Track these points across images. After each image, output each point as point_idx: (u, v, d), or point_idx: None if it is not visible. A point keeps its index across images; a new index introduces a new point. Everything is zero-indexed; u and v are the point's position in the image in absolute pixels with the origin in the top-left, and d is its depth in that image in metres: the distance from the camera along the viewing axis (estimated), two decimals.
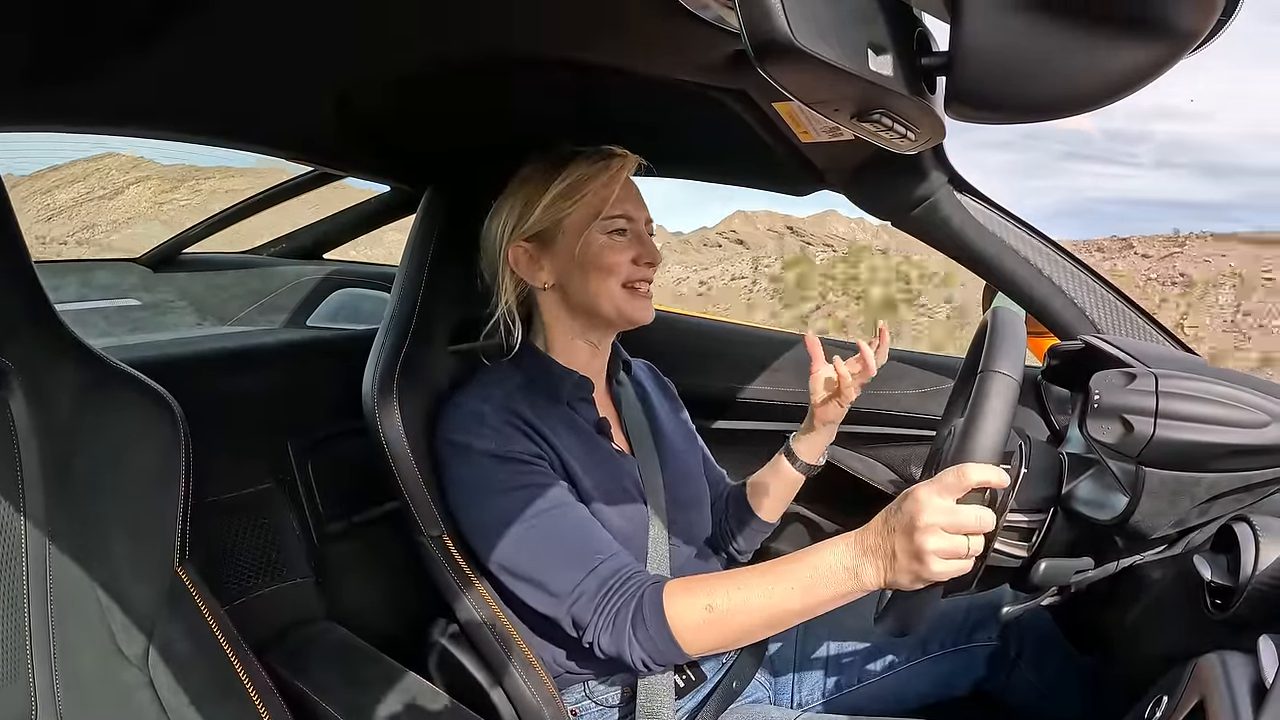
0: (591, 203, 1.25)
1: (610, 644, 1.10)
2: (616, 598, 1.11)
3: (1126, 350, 1.10)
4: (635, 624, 1.08)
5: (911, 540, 0.95)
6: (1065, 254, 1.45)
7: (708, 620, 1.05)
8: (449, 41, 1.04)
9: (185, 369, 1.47)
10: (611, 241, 1.26)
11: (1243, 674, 0.73)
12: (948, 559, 0.94)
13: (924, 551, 0.94)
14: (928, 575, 0.95)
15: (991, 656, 1.40)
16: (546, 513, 1.16)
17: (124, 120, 1.16)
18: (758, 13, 0.51)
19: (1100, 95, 0.58)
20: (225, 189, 20.58)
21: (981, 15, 0.55)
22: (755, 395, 1.97)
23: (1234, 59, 45.25)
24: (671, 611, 1.07)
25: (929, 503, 0.95)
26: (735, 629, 1.06)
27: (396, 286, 1.37)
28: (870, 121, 0.62)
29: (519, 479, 1.17)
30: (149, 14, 0.84)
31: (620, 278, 1.26)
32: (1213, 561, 0.90)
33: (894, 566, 0.97)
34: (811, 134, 1.28)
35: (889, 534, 0.98)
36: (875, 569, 0.99)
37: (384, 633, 1.42)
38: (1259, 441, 0.96)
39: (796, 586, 1.03)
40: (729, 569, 1.06)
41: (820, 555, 1.03)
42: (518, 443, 1.19)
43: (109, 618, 0.98)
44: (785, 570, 1.04)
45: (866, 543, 1.01)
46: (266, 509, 1.43)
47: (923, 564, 0.94)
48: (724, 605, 1.05)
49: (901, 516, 0.97)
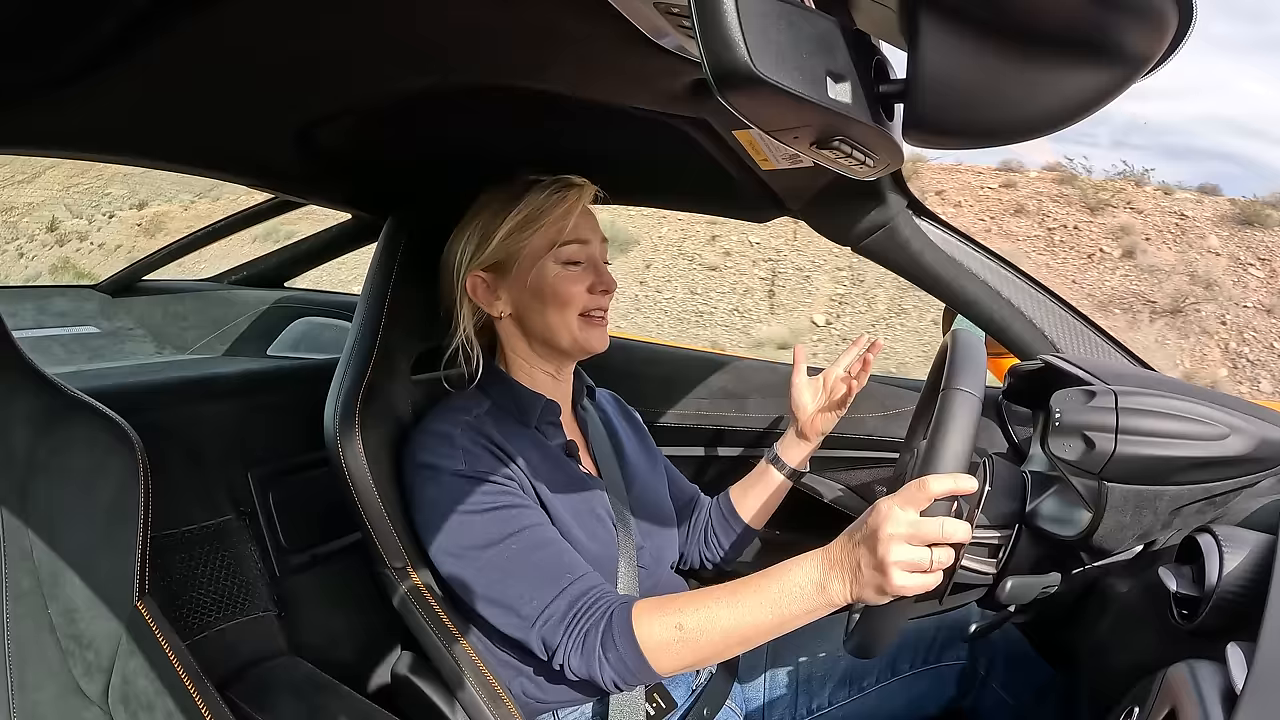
0: (548, 233, 1.26)
1: (581, 665, 1.09)
2: (586, 619, 1.10)
3: (1086, 368, 1.11)
4: (605, 644, 1.07)
5: (875, 553, 0.95)
6: (1023, 275, 1.47)
7: (678, 639, 1.05)
8: (411, 73, 1.04)
9: (144, 398, 1.45)
10: (567, 272, 1.27)
11: (1212, 682, 0.74)
12: (911, 571, 0.94)
13: (887, 564, 0.94)
14: (891, 589, 0.95)
15: (961, 675, 1.40)
16: (516, 534, 1.15)
17: (81, 145, 1.15)
18: (718, 42, 0.51)
19: (1055, 120, 0.58)
20: (124, 173, 20.61)
21: (938, 43, 0.56)
22: (715, 421, 1.97)
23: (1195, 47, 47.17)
24: (641, 631, 1.06)
25: (891, 515, 0.95)
26: (706, 647, 1.05)
27: (358, 315, 1.36)
28: (829, 148, 0.62)
29: (488, 500, 1.16)
30: (110, 40, 0.83)
31: (577, 308, 1.27)
32: (1178, 573, 0.91)
33: (859, 580, 0.98)
34: (771, 161, 1.29)
35: (853, 548, 0.99)
36: (842, 583, 0.99)
37: (348, 666, 1.41)
38: (1219, 454, 0.97)
39: (765, 603, 1.03)
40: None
41: (788, 571, 1.03)
42: (487, 464, 1.18)
43: (68, 654, 0.96)
44: (754, 587, 1.04)
45: (832, 557, 1.01)
46: (227, 541, 1.41)
47: (886, 577, 0.94)
48: (694, 624, 1.04)
49: (865, 530, 0.98)
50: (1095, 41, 0.54)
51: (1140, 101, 32.98)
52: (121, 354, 2.37)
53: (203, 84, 1.00)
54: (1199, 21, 0.52)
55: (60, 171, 22.69)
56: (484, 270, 1.29)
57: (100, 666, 0.96)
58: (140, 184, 21.38)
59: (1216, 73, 75.16)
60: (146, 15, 0.79)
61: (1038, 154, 13.74)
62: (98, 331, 2.42)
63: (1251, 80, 73.81)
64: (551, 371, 1.35)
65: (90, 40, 0.83)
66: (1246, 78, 75.49)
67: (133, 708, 0.96)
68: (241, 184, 1.45)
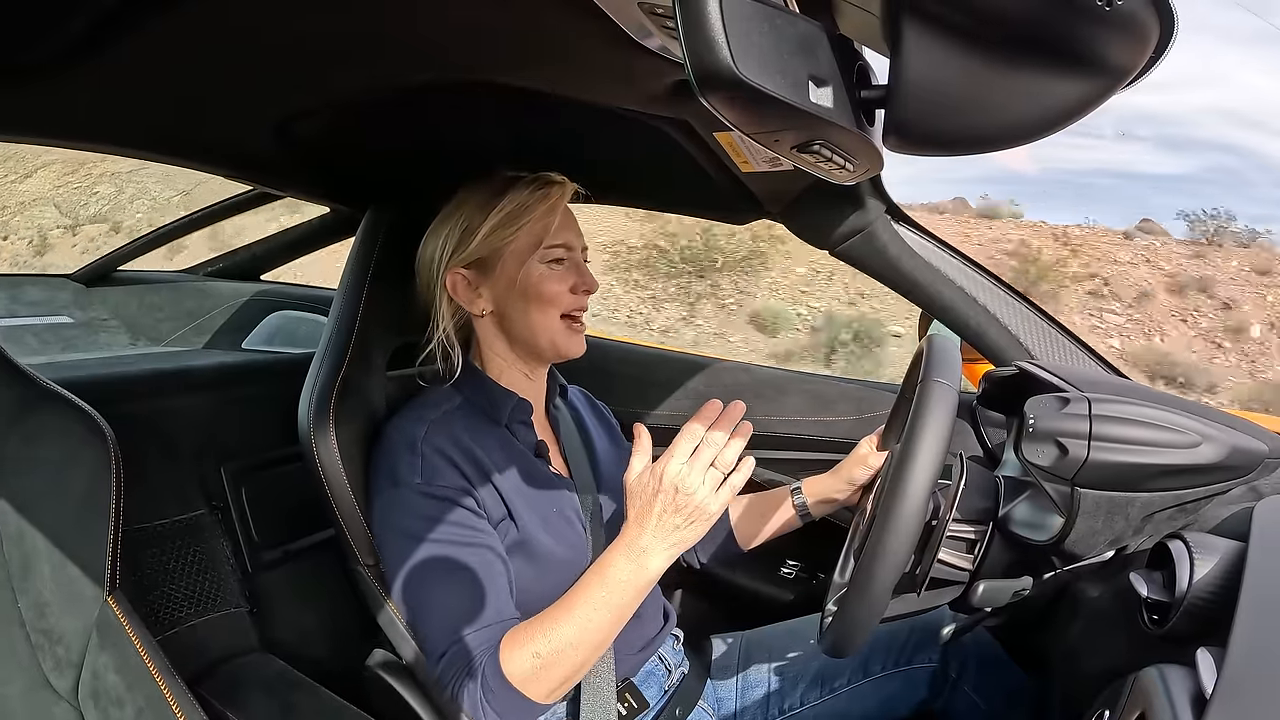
0: (533, 231, 1.25)
1: (469, 707, 1.09)
2: (469, 667, 1.10)
3: (1060, 375, 1.12)
4: (484, 689, 1.08)
5: (675, 500, 1.03)
6: (1000, 282, 1.48)
7: (540, 666, 1.06)
8: (392, 67, 1.03)
9: (117, 390, 1.43)
10: (551, 271, 1.27)
11: (1182, 686, 0.75)
12: (716, 489, 1.04)
13: (692, 497, 1.03)
14: (713, 511, 1.05)
15: (933, 678, 1.41)
16: (445, 560, 1.15)
17: (57, 132, 1.14)
18: (701, 44, 0.51)
19: (1035, 130, 0.59)
20: (111, 171, 20.58)
21: (920, 50, 0.56)
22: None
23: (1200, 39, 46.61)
24: (508, 670, 1.07)
25: (660, 467, 1.05)
26: (568, 665, 1.07)
27: (334, 309, 1.35)
28: (810, 153, 0.62)
29: (430, 526, 1.16)
30: (87, 28, 0.82)
31: (560, 308, 1.27)
32: (1149, 578, 0.92)
33: (678, 531, 1.06)
34: (752, 164, 1.29)
35: (653, 517, 1.06)
36: (657, 546, 1.07)
37: (320, 664, 1.39)
38: (1190, 461, 0.98)
39: (599, 605, 1.07)
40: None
41: (604, 570, 1.09)
42: (446, 478, 1.18)
43: (37, 649, 0.95)
44: (583, 596, 1.08)
45: (630, 536, 1.08)
46: (200, 536, 1.39)
47: (699, 506, 1.04)
48: (546, 648, 1.06)
49: (645, 497, 1.07)
50: (1077, 51, 0.54)
51: (1144, 93, 33.22)
52: (95, 345, 2.34)
53: (181, 71, 0.99)
54: (1198, 14, 0.53)
55: (50, 171, 22.72)
56: (465, 267, 1.28)
57: (70, 661, 0.95)
58: (127, 183, 21.34)
59: (1217, 64, 75.79)
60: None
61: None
62: (72, 322, 2.39)
63: (1253, 72, 74.50)
64: (526, 372, 1.35)
65: (68, 24, 0.82)
66: (1248, 69, 76.27)
67: (103, 704, 0.94)
68: (219, 174, 1.43)
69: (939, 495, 1.12)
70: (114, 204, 20.86)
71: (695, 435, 1.05)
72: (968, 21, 0.54)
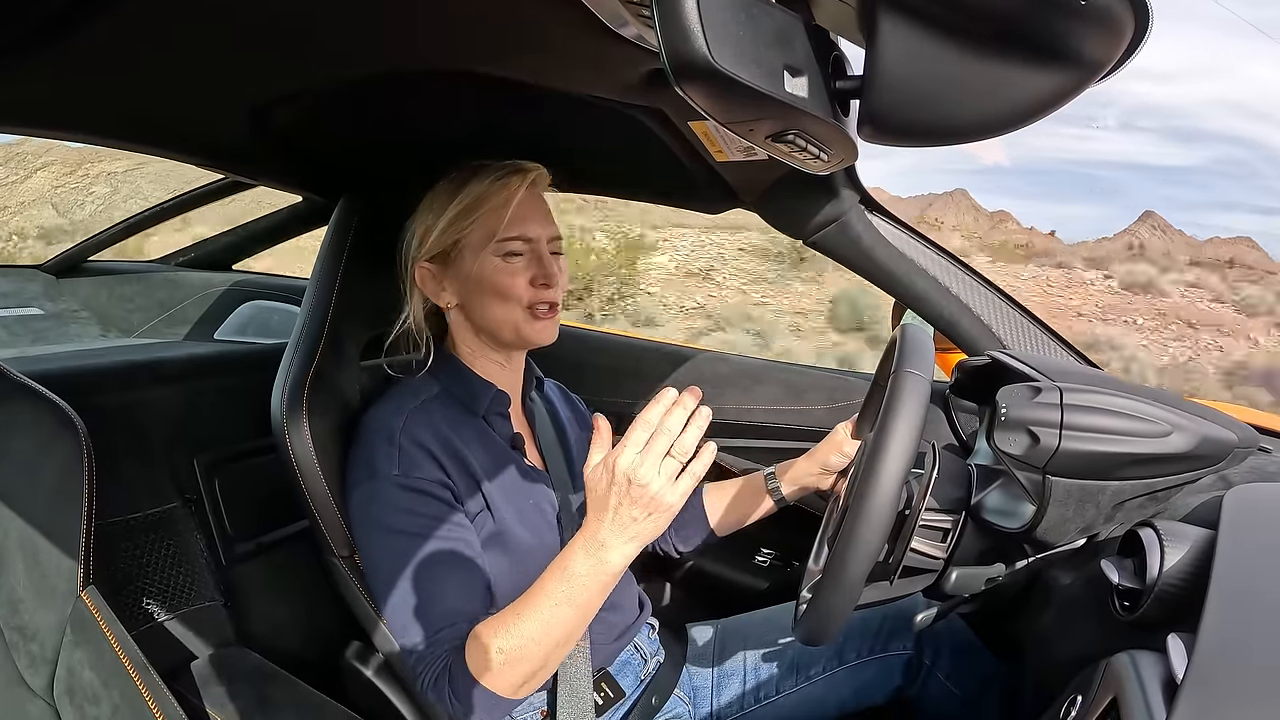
0: (487, 223, 1.24)
1: (438, 700, 1.10)
2: (439, 661, 1.10)
3: (1032, 365, 1.13)
4: (451, 684, 1.08)
5: (630, 493, 0.99)
6: (973, 272, 1.49)
7: (504, 662, 1.05)
8: (365, 54, 1.02)
9: (88, 382, 1.42)
10: (506, 264, 1.25)
11: (1153, 672, 0.75)
12: (674, 478, 1.00)
13: (648, 489, 0.98)
14: (673, 502, 1.00)
15: (907, 665, 1.42)
16: (420, 553, 1.14)
17: (30, 118, 1.11)
18: (677, 33, 0.51)
19: (1008, 121, 0.59)
20: (107, 172, 20.41)
21: (895, 42, 0.56)
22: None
23: (1204, 31, 47.64)
24: (473, 665, 1.07)
25: (613, 458, 1.00)
26: (532, 660, 1.06)
27: (307, 299, 1.34)
28: (784, 142, 0.62)
29: (406, 519, 1.15)
30: (64, 7, 0.81)
31: (519, 301, 1.25)
32: (1120, 565, 0.93)
33: (636, 524, 1.02)
34: (726, 153, 1.29)
35: (610, 511, 1.02)
36: (616, 540, 1.03)
37: (297, 656, 1.39)
38: (1161, 450, 0.99)
39: (560, 600, 1.05)
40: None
41: (564, 565, 1.05)
42: (422, 469, 1.17)
43: (11, 647, 0.94)
44: (545, 592, 1.06)
45: (589, 531, 1.04)
46: (173, 529, 1.38)
47: (658, 498, 0.99)
48: (510, 644, 1.05)
49: (600, 490, 1.02)
50: (1052, 45, 0.55)
51: (1150, 84, 33.22)
52: (66, 337, 2.32)
53: (153, 57, 0.97)
54: (1203, 6, 0.53)
55: (49, 172, 22.56)
56: (429, 261, 1.28)
57: (45, 658, 0.94)
58: (122, 183, 21.18)
59: (1224, 56, 76.47)
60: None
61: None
62: (42, 313, 2.37)
63: (1259, 63, 75.36)
64: (500, 360, 1.34)
65: (36, 8, 0.80)
66: (1255, 61, 77.06)
67: (78, 700, 0.93)
68: (191, 163, 1.41)
69: (912, 484, 1.12)
70: (109, 204, 20.72)
71: (649, 424, 1.00)
72: (943, 14, 0.55)
